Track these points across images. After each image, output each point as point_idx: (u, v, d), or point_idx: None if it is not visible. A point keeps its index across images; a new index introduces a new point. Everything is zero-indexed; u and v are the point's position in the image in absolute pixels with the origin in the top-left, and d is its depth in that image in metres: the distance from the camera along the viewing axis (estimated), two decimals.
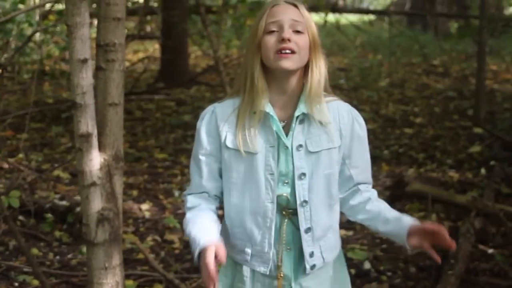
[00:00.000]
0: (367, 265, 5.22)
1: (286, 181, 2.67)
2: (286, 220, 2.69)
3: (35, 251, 5.39)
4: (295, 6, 2.68)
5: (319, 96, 2.65)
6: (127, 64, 13.87)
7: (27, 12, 10.72)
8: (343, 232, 5.72)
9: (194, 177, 2.77)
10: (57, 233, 5.74)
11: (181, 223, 5.85)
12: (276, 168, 2.65)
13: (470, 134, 9.15)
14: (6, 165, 7.15)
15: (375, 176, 6.47)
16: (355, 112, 2.75)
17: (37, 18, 10.93)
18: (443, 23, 20.15)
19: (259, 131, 2.65)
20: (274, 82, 2.66)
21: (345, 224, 5.40)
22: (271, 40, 2.61)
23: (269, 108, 2.64)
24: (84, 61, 3.24)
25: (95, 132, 3.34)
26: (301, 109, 2.64)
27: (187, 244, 5.60)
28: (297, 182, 2.66)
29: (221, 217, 2.73)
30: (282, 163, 2.66)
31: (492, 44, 15.39)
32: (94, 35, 3.48)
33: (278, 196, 2.67)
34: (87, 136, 3.31)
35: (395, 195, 6.41)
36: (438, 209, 6.25)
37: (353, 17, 19.91)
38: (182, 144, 8.76)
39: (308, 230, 2.68)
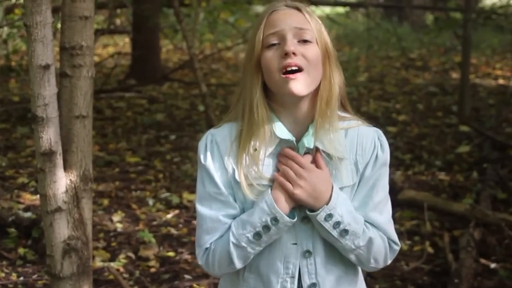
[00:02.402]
0: None
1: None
2: None
3: None
4: (299, 9, 2.18)
5: (329, 123, 2.16)
6: (96, 59, 13.38)
7: None
8: None
9: (210, 221, 2.21)
10: (21, 250, 5.23)
11: (156, 237, 5.42)
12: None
13: (456, 133, 8.77)
14: None
15: None
16: (382, 139, 2.24)
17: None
18: (419, 16, 19.82)
19: (273, 158, 2.18)
20: (281, 107, 2.18)
21: None
22: (272, 56, 2.12)
23: (290, 136, 2.17)
24: (46, 67, 2.78)
25: (59, 150, 2.90)
26: (305, 142, 2.16)
27: (163, 261, 5.15)
28: (299, 227, 2.19)
29: None
30: None
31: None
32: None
33: None
34: (50, 155, 2.86)
35: None
36: (431, 216, 5.84)
37: (327, 9, 19.52)
38: (155, 147, 8.28)
39: (312, 286, 2.21)
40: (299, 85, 2.10)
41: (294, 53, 2.10)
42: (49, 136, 2.83)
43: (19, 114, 9.65)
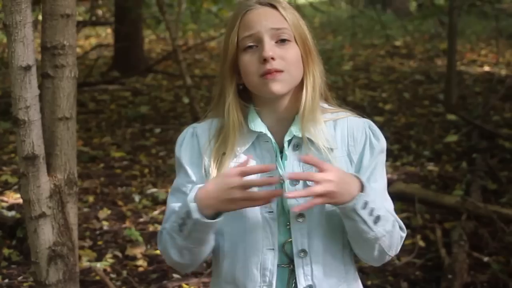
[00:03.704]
0: None
1: (288, 224, 2.10)
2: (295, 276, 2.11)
3: None
4: (273, 6, 2.09)
5: (313, 114, 2.09)
6: (78, 51, 13.21)
7: None
8: None
9: (171, 210, 2.12)
10: (6, 251, 5.12)
11: (143, 235, 5.33)
12: (276, 205, 2.08)
13: (444, 122, 8.70)
14: None
15: None
16: (373, 128, 2.16)
17: None
18: (402, 2, 19.76)
19: (253, 157, 2.09)
20: (262, 105, 2.12)
21: None
22: (250, 60, 2.06)
23: (264, 128, 2.09)
24: (27, 68, 2.66)
25: (42, 153, 2.78)
26: (293, 131, 2.09)
27: (151, 260, 5.06)
28: (293, 225, 2.09)
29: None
30: (280, 199, 2.08)
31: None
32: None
33: (284, 244, 2.10)
34: (33, 159, 2.75)
35: None
36: (421, 209, 5.75)
37: None
38: (140, 141, 8.15)
39: None
40: (279, 84, 2.05)
41: (272, 58, 2.04)
42: (32, 139, 2.72)
43: (1, 109, 9.46)
